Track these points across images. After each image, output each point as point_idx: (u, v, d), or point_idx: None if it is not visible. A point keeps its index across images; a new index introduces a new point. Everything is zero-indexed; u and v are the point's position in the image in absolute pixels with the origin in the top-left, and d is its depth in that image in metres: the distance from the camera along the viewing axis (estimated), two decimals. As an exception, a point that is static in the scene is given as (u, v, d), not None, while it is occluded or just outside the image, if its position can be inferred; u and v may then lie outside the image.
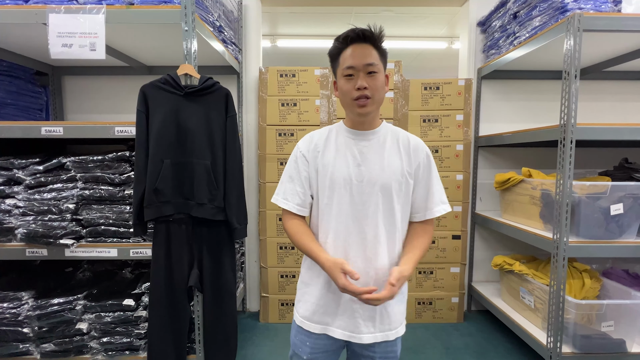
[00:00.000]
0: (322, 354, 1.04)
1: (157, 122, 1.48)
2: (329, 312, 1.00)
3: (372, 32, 0.93)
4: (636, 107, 2.47)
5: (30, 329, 1.66)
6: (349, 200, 0.96)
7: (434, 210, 1.00)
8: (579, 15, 1.52)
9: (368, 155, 0.97)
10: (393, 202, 0.96)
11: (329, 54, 0.98)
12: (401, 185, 0.97)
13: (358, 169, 0.96)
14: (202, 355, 1.65)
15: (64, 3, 1.58)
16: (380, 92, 0.94)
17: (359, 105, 0.93)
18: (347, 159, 0.97)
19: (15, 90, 2.12)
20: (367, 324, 0.97)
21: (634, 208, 1.67)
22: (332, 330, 1.00)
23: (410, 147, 1.00)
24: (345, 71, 0.92)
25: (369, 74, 0.92)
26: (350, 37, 0.92)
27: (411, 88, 2.31)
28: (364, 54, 0.91)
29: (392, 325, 0.99)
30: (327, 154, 0.99)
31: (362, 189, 0.95)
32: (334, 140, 1.01)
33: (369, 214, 0.95)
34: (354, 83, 0.92)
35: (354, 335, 0.98)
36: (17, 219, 1.61)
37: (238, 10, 2.39)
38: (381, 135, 0.99)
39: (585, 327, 1.68)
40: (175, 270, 1.55)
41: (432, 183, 1.01)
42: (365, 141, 0.98)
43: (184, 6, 1.50)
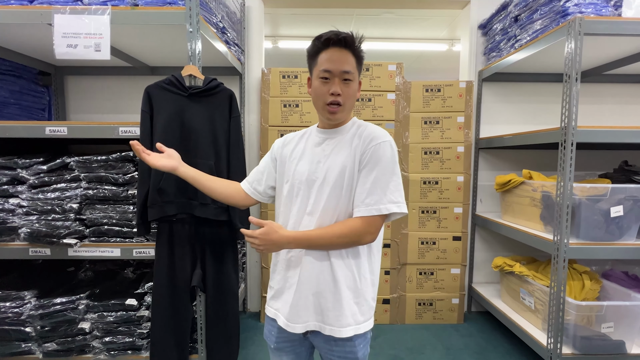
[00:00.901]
0: (287, 343, 1.03)
1: (162, 122, 1.49)
2: (278, 295, 1.02)
3: (353, 38, 0.94)
4: (636, 109, 2.49)
5: (32, 328, 1.66)
6: (305, 195, 0.98)
7: (363, 209, 0.91)
8: (579, 19, 1.54)
9: (328, 153, 0.98)
10: (337, 198, 0.95)
11: (308, 51, 0.98)
12: (347, 180, 0.95)
13: (317, 166, 0.98)
14: (204, 355, 1.66)
15: (69, 4, 1.58)
16: (352, 99, 0.97)
17: (330, 112, 0.95)
18: (310, 158, 1.00)
19: (18, 90, 2.13)
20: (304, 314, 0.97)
21: (633, 210, 1.68)
22: (279, 317, 1.01)
23: (364, 135, 0.96)
24: (322, 73, 0.94)
25: (344, 81, 0.94)
26: (332, 40, 0.92)
27: (412, 90, 2.33)
28: (342, 60, 0.93)
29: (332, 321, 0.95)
30: (295, 154, 1.03)
31: (316, 185, 0.96)
32: (305, 141, 1.04)
33: (317, 209, 0.96)
34: (329, 87, 0.93)
35: (289, 325, 0.98)
36: (21, 219, 1.62)
37: (241, 12, 2.40)
38: (346, 133, 1.00)
39: (585, 328, 1.69)
40: (178, 270, 1.56)
41: (376, 177, 0.92)
42: (330, 139, 1.00)
43: (188, 7, 1.51)
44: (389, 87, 2.31)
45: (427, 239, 2.36)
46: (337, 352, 0.98)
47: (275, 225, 0.92)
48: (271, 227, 0.91)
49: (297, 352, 1.05)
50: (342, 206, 0.95)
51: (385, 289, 2.36)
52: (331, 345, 0.98)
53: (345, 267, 0.96)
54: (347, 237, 0.92)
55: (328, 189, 0.95)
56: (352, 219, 0.94)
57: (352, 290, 0.96)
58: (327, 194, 0.95)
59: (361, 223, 0.92)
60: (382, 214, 0.91)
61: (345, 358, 0.99)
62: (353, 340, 0.97)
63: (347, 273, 0.96)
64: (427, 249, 2.36)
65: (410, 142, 2.34)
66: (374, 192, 0.92)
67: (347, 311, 0.95)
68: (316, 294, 0.96)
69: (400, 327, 2.36)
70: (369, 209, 0.91)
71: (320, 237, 0.92)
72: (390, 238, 2.34)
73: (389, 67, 2.30)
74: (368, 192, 0.92)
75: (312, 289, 0.96)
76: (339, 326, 0.95)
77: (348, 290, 0.96)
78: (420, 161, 2.34)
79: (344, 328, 0.95)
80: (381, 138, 0.94)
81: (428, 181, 2.34)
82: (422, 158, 2.34)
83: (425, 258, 2.37)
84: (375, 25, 3.61)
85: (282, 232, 0.92)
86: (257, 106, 2.49)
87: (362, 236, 0.92)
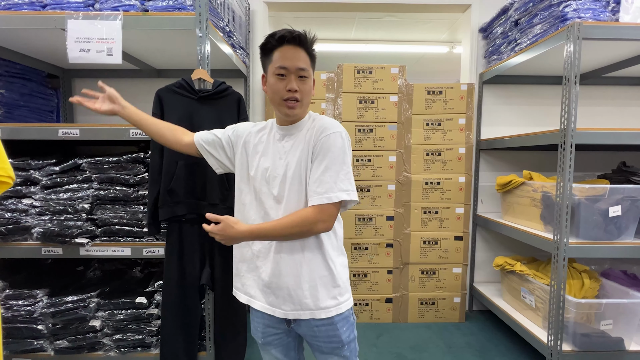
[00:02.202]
0: (273, 336, 1.06)
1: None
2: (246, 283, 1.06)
3: (306, 36, 0.96)
4: (634, 111, 2.53)
5: (44, 326, 1.70)
6: (267, 191, 1.01)
7: (315, 198, 0.94)
8: (578, 24, 1.58)
9: (288, 149, 1.01)
10: (299, 191, 0.98)
11: (261, 47, 1.00)
12: (305, 173, 0.98)
13: (278, 162, 1.00)
14: (212, 352, 1.70)
15: (81, 9, 1.63)
16: (308, 96, 1.00)
17: (288, 107, 0.97)
18: (272, 154, 1.02)
19: (28, 93, 2.17)
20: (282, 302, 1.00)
21: (631, 210, 1.73)
22: (254, 302, 1.04)
23: (315, 127, 0.99)
24: (278, 70, 0.96)
25: (300, 78, 0.97)
26: (286, 38, 0.94)
27: (415, 92, 2.37)
28: (296, 57, 0.95)
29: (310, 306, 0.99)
30: (258, 149, 1.05)
31: (277, 181, 0.99)
32: (267, 136, 1.06)
33: (280, 203, 0.99)
34: (285, 84, 0.96)
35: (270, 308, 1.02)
36: (34, 219, 1.66)
37: (246, 15, 2.44)
38: (303, 128, 1.02)
39: (584, 326, 1.73)
40: (187, 268, 1.60)
41: (326, 167, 0.94)
42: (288, 136, 1.03)
43: (198, 13, 1.55)
44: (392, 90, 2.35)
45: (429, 238, 2.40)
46: (321, 338, 1.02)
47: (231, 220, 0.93)
48: (227, 223, 0.93)
49: (285, 343, 1.08)
50: (302, 198, 0.98)
51: (388, 288, 2.40)
52: (314, 331, 1.01)
53: (312, 255, 0.99)
54: (300, 226, 0.93)
55: (288, 185, 0.98)
56: (304, 209, 0.96)
57: (323, 275, 1.00)
58: (287, 189, 0.98)
59: (313, 211, 0.94)
60: (332, 202, 0.94)
61: (330, 342, 1.02)
62: (335, 322, 1.00)
63: (314, 260, 0.99)
64: (429, 248, 2.40)
65: (413, 143, 2.38)
66: (325, 180, 0.94)
67: (322, 294, 0.99)
68: (290, 285, 0.98)
69: (403, 325, 2.40)
70: (320, 198, 0.93)
71: (274, 228, 0.94)
72: (393, 238, 2.38)
73: (391, 70, 2.34)
74: (319, 182, 0.94)
75: (285, 281, 0.99)
76: (317, 308, 0.99)
77: (319, 276, 0.99)
78: (422, 162, 2.38)
79: (322, 310, 0.99)
80: (331, 129, 0.97)
81: (430, 182, 2.38)
82: (424, 159, 2.38)
83: (427, 258, 2.40)
84: (377, 28, 3.66)
85: (238, 227, 0.93)
86: (262, 108, 2.53)
87: (315, 224, 0.94)
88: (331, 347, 1.03)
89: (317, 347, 1.05)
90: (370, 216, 2.37)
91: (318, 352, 1.06)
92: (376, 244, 2.38)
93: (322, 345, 1.03)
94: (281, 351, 1.09)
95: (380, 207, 2.37)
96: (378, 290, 2.40)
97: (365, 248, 2.38)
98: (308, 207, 0.95)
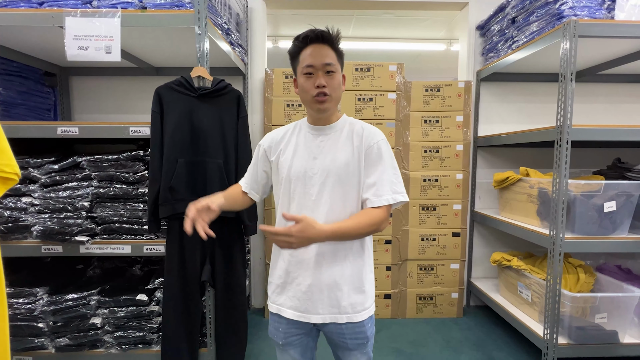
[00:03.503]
0: (296, 337, 1.07)
1: (172, 122, 1.54)
2: (280, 291, 1.07)
3: (330, 33, 0.98)
4: (629, 108, 2.56)
5: (45, 324, 1.71)
6: (302, 192, 1.01)
7: (382, 199, 0.99)
8: (574, 22, 1.60)
9: (324, 149, 1.02)
10: (344, 192, 1.00)
11: (289, 52, 1.02)
12: (353, 175, 1.00)
13: (313, 162, 1.01)
14: (213, 348, 1.71)
15: (78, 6, 1.62)
16: (338, 90, 1.01)
17: (318, 102, 0.98)
18: (305, 154, 1.03)
19: (25, 91, 2.16)
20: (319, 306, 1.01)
21: (626, 205, 1.75)
22: (284, 311, 1.05)
23: (364, 134, 1.02)
24: (305, 69, 0.97)
25: (327, 73, 0.98)
26: (310, 37, 0.97)
27: (413, 90, 2.38)
28: (322, 54, 0.97)
29: (348, 310, 1.02)
30: (288, 150, 1.06)
31: (314, 180, 1.00)
32: (296, 137, 1.07)
33: (320, 203, 1.00)
34: (314, 81, 0.97)
35: (303, 315, 1.03)
36: (33, 217, 1.66)
37: (244, 13, 2.44)
38: (338, 129, 1.04)
39: (580, 319, 1.76)
40: (188, 265, 1.60)
41: (383, 170, 1.00)
42: (323, 135, 1.04)
43: (197, 11, 1.55)
44: (390, 87, 2.36)
45: (427, 235, 2.42)
46: (349, 335, 1.04)
47: (311, 219, 0.90)
48: (308, 222, 0.89)
49: (305, 343, 1.09)
50: (349, 200, 1.01)
51: (387, 284, 2.43)
52: (342, 330, 1.04)
53: (353, 259, 1.03)
54: (372, 226, 0.98)
55: (330, 184, 0.99)
56: (371, 210, 0.99)
57: (359, 279, 1.03)
58: (329, 188, 0.99)
59: (381, 212, 0.99)
60: (390, 204, 1.00)
61: (356, 339, 1.05)
62: (363, 321, 1.04)
63: (354, 264, 1.03)
64: (427, 245, 2.42)
65: (411, 140, 2.40)
66: (386, 183, 1.00)
67: (359, 298, 1.03)
68: (329, 288, 1.01)
69: (402, 321, 2.42)
70: (383, 199, 0.99)
71: (352, 228, 0.96)
72: (391, 234, 2.40)
73: (389, 68, 2.35)
74: (378, 186, 0.99)
75: (324, 284, 1.01)
76: (354, 312, 1.02)
77: (357, 280, 1.03)
78: (420, 159, 2.40)
79: (359, 313, 1.03)
80: (380, 135, 1.04)
81: (428, 179, 2.40)
82: (422, 156, 2.40)
83: (425, 254, 2.43)
84: (375, 25, 3.67)
85: (319, 227, 0.91)
86: (261, 106, 2.54)
87: (382, 223, 0.99)
88: (357, 344, 1.05)
89: (343, 345, 1.06)
90: (369, 213, 2.38)
91: (343, 349, 1.07)
92: (375, 241, 2.40)
93: (348, 343, 1.05)
94: (300, 352, 1.10)
95: (378, 204, 2.38)
96: (377, 286, 2.42)
97: (364, 245, 2.40)
98: (374, 209, 0.99)
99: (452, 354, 2.02)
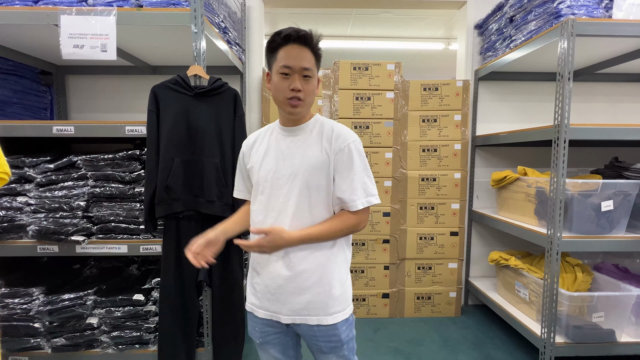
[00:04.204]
0: (273, 336, 1.07)
1: (168, 121, 1.53)
2: (253, 291, 1.07)
3: (312, 36, 0.96)
4: (627, 107, 2.56)
5: (41, 324, 1.70)
6: (272, 193, 1.01)
7: (357, 203, 0.98)
8: (572, 21, 1.59)
9: (293, 150, 1.01)
10: (310, 195, 0.99)
11: (267, 46, 0.99)
12: (321, 177, 0.99)
13: (283, 163, 1.00)
14: (210, 348, 1.71)
15: (74, 4, 1.61)
16: (312, 95, 1.00)
17: (292, 105, 0.97)
18: (275, 155, 1.02)
19: (21, 90, 2.14)
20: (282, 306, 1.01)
21: (623, 204, 1.75)
22: (257, 311, 1.05)
23: (333, 136, 1.00)
24: (282, 69, 0.95)
25: (304, 77, 0.96)
26: (292, 37, 0.94)
27: (411, 89, 2.38)
28: (301, 57, 0.95)
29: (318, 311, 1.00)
30: (260, 151, 1.06)
31: (282, 182, 0.99)
32: (268, 138, 1.07)
33: (288, 206, 0.99)
34: (289, 83, 0.96)
35: (274, 315, 1.03)
36: (29, 216, 1.65)
37: (241, 12, 2.43)
38: (309, 130, 1.02)
39: (577, 318, 1.76)
40: (185, 265, 1.59)
41: (355, 174, 0.99)
42: (292, 136, 1.03)
43: (193, 9, 1.54)
44: (388, 86, 2.35)
45: (425, 234, 2.42)
46: (322, 337, 1.02)
47: (278, 229, 0.94)
48: (276, 233, 0.94)
49: (284, 342, 1.08)
50: (315, 203, 0.99)
51: (385, 284, 2.42)
52: (314, 332, 1.02)
53: (321, 261, 1.00)
54: (345, 230, 1.01)
55: (298, 186, 0.98)
56: (345, 214, 1.01)
57: (332, 281, 1.01)
58: (297, 190, 0.98)
59: (355, 216, 1.01)
60: (365, 207, 1.00)
61: (329, 342, 1.03)
62: (336, 324, 1.02)
63: (322, 267, 1.00)
64: (426, 244, 2.42)
65: (409, 139, 2.39)
66: (357, 188, 0.99)
67: (330, 301, 1.01)
68: (297, 289, 0.99)
69: (400, 320, 2.42)
70: (358, 203, 0.99)
71: (321, 233, 0.98)
72: (390, 234, 2.40)
73: (387, 67, 2.34)
74: (352, 190, 0.99)
75: (291, 285, 0.99)
76: (325, 315, 1.00)
77: (328, 282, 1.00)
78: (418, 158, 2.40)
79: (329, 316, 1.00)
80: (351, 137, 1.01)
81: (426, 178, 2.39)
82: (420, 155, 2.40)
83: (423, 253, 2.43)
84: (373, 24, 3.66)
85: (287, 236, 0.95)
86: (258, 104, 2.53)
87: (357, 226, 1.02)
88: (331, 347, 1.04)
89: (317, 347, 1.05)
90: (367, 212, 2.38)
91: (317, 351, 1.07)
92: (373, 240, 2.40)
93: (322, 345, 1.04)
94: (279, 350, 1.09)
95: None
96: (375, 285, 2.42)
97: (362, 244, 2.40)
98: (348, 213, 1.00)
99: (450, 353, 2.02)
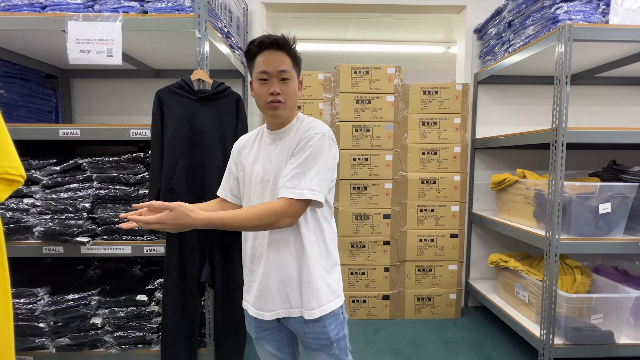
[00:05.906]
0: (266, 332, 1.09)
1: (172, 125, 1.56)
2: (247, 288, 1.10)
3: (285, 40, 0.97)
4: (624, 111, 2.58)
5: (46, 324, 1.72)
6: (260, 196, 1.03)
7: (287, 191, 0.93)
8: (569, 26, 1.62)
9: (277, 153, 1.03)
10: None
11: (245, 54, 1.02)
12: None
13: (270, 166, 1.02)
14: (212, 348, 1.73)
15: (80, 10, 1.64)
16: (293, 97, 1.01)
17: (273, 108, 0.99)
18: (263, 159, 1.05)
19: (27, 93, 2.18)
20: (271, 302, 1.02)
21: (621, 207, 1.77)
22: (249, 308, 1.08)
23: (301, 129, 1.01)
24: (260, 75, 0.97)
25: (282, 80, 0.98)
26: (265, 44, 0.96)
27: (411, 92, 2.41)
28: (277, 61, 0.96)
29: (298, 304, 1.01)
30: (250, 156, 1.08)
31: (269, 185, 1.01)
32: (257, 142, 1.09)
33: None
34: (268, 88, 0.97)
35: (260, 313, 1.04)
36: (35, 218, 1.68)
37: (244, 16, 2.46)
38: (291, 131, 1.04)
39: (576, 320, 1.78)
40: (187, 266, 1.62)
41: (302, 163, 0.95)
42: (278, 140, 1.04)
43: (197, 15, 1.57)
44: (388, 90, 2.38)
45: (425, 236, 2.43)
46: (310, 334, 1.03)
47: (187, 208, 0.87)
48: (182, 211, 0.86)
49: (278, 338, 1.11)
50: None
51: (385, 285, 2.44)
52: (303, 328, 1.03)
53: (297, 258, 1.00)
54: (265, 218, 0.92)
55: (276, 187, 0.99)
56: (273, 201, 0.95)
57: (307, 279, 1.00)
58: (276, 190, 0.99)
59: (281, 205, 0.92)
60: (299, 199, 0.93)
61: (318, 339, 1.03)
62: (322, 320, 1.01)
63: (299, 263, 1.00)
64: (425, 246, 2.44)
65: (409, 142, 2.42)
66: (296, 176, 0.94)
67: (310, 294, 1.00)
68: (280, 283, 1.01)
69: (400, 322, 2.43)
70: (290, 192, 0.93)
71: (234, 218, 0.91)
72: (390, 236, 2.42)
73: (388, 70, 2.37)
74: (290, 176, 0.95)
75: (276, 279, 1.01)
76: (307, 309, 1.00)
77: (308, 276, 1.00)
78: (418, 161, 2.42)
79: (310, 310, 1.00)
80: (315, 130, 0.99)
81: (426, 180, 2.41)
82: (420, 158, 2.42)
83: (423, 255, 2.44)
84: (374, 28, 3.70)
85: (195, 215, 0.87)
86: (260, 108, 2.55)
87: (281, 218, 0.92)
88: (319, 345, 1.04)
89: (307, 344, 1.07)
90: (367, 214, 2.40)
91: (307, 348, 1.08)
92: (373, 242, 2.42)
93: (310, 342, 1.05)
94: (274, 346, 1.11)
95: (377, 205, 2.40)
96: (375, 287, 2.44)
97: (362, 246, 2.42)
98: (277, 200, 0.94)
99: (450, 355, 2.03)
